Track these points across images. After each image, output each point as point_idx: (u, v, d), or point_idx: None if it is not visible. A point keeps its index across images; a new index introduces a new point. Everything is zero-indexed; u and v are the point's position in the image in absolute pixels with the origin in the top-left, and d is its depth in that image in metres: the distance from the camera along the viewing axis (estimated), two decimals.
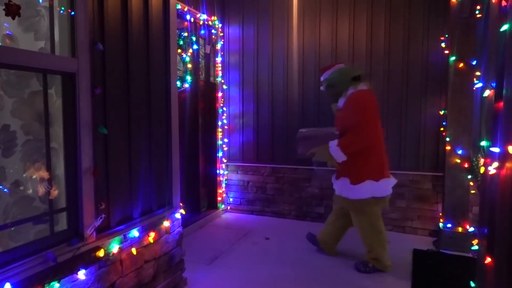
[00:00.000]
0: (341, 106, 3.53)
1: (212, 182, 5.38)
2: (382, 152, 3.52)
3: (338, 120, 3.61)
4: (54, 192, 2.08)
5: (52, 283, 1.86)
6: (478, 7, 3.81)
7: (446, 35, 4.33)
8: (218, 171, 5.38)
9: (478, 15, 3.86)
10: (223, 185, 5.50)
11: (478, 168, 3.78)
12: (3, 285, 1.62)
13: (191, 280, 3.22)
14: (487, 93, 2.21)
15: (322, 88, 3.79)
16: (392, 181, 3.55)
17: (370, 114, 3.44)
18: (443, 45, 4.38)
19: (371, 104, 3.48)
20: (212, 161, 5.36)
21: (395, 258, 3.83)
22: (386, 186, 3.47)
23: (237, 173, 5.52)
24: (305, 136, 3.67)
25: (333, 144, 3.44)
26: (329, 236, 3.92)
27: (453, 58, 4.05)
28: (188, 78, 4.71)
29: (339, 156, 3.43)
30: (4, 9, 1.75)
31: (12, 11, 1.77)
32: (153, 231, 2.65)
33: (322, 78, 3.72)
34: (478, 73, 4.00)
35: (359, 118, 3.40)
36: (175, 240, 2.93)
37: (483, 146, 2.23)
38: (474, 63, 3.97)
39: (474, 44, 3.98)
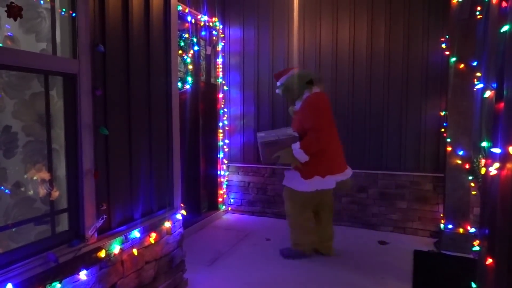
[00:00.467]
0: (298, 109, 3.77)
1: (212, 183, 5.38)
2: (335, 151, 3.79)
3: (296, 122, 3.81)
4: (55, 194, 2.08)
5: (53, 284, 1.86)
6: (479, 8, 3.82)
7: (447, 36, 4.33)
8: (218, 172, 5.38)
9: (479, 16, 3.86)
10: (224, 186, 5.50)
11: (479, 169, 3.78)
12: (5, 285, 1.63)
13: (192, 281, 3.22)
14: (487, 94, 2.22)
15: (278, 91, 3.98)
16: (334, 178, 3.74)
17: (325, 115, 3.70)
18: (443, 46, 4.39)
19: (326, 106, 3.74)
20: (212, 162, 5.36)
21: (395, 259, 3.84)
22: (330, 181, 3.72)
23: (238, 174, 5.52)
24: (267, 142, 3.76)
25: (296, 147, 3.63)
26: (320, 238, 3.96)
27: (453, 59, 4.05)
28: (189, 79, 4.72)
29: (303, 157, 3.64)
30: (5, 11, 1.75)
31: (14, 13, 1.77)
32: (154, 232, 2.65)
33: (278, 83, 3.91)
34: (478, 74, 4.00)
35: (316, 119, 3.63)
36: (176, 241, 2.93)
37: (484, 147, 2.24)
38: (474, 64, 3.97)
39: (474, 45, 3.98)
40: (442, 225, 4.23)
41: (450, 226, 4.11)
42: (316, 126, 3.61)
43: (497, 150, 1.89)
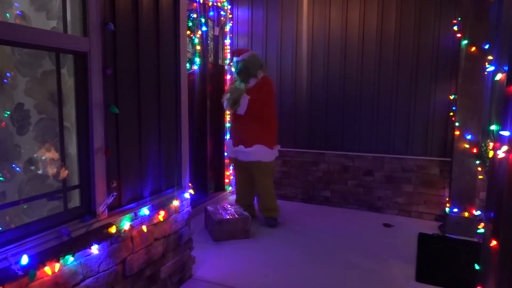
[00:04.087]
0: (254, 85, 4.22)
1: (219, 164, 5.43)
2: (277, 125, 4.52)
3: (253, 97, 4.19)
4: (64, 172, 2.12)
5: (66, 257, 1.92)
6: None
7: (459, 19, 4.26)
8: (225, 154, 5.42)
9: None
10: (230, 167, 5.54)
11: (487, 153, 3.77)
12: (21, 257, 1.68)
13: (199, 259, 3.29)
14: (498, 76, 2.20)
15: (235, 65, 4.30)
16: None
17: (273, 95, 4.42)
18: (455, 28, 4.32)
19: (274, 88, 4.48)
20: (219, 144, 5.39)
21: (400, 242, 3.89)
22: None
23: None
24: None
25: (245, 98, 4.15)
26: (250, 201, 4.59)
27: (465, 42, 3.99)
28: (197, 60, 4.71)
29: (244, 104, 4.12)
30: None
31: None
32: (163, 210, 2.70)
33: (239, 59, 4.24)
34: (490, 58, 3.94)
35: (271, 95, 4.35)
36: (184, 219, 2.99)
37: (493, 130, 2.23)
38: (486, 47, 3.91)
39: (487, 28, 3.91)
40: (447, 209, 4.25)
41: (455, 210, 4.13)
42: (271, 99, 4.32)
43: (506, 133, 1.89)
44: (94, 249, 2.09)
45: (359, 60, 4.84)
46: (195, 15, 4.63)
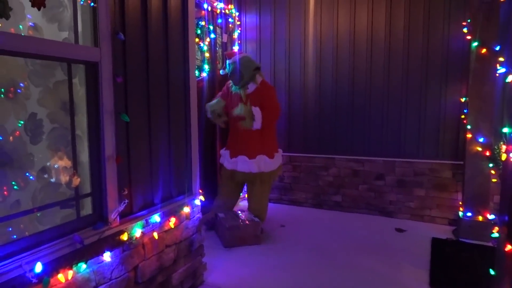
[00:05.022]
0: (253, 91, 4.08)
1: None
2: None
3: (257, 100, 4.07)
4: (76, 181, 2.15)
5: (79, 264, 1.94)
6: None
7: (468, 20, 4.22)
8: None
9: None
10: None
11: (500, 156, 3.72)
12: (35, 264, 1.71)
13: (210, 265, 3.29)
14: (510, 78, 2.17)
15: (227, 68, 4.21)
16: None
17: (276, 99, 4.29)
18: (465, 30, 4.28)
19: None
20: None
21: (413, 247, 3.84)
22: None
23: None
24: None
25: (258, 111, 4.00)
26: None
27: (475, 43, 3.96)
28: (206, 67, 4.74)
29: (258, 120, 4.01)
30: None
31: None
32: (174, 217, 2.71)
33: (230, 61, 4.13)
34: (501, 59, 3.90)
35: (275, 99, 4.19)
36: (195, 226, 3.00)
37: (505, 132, 2.20)
38: (497, 48, 3.86)
39: (497, 29, 3.87)
40: (460, 213, 4.19)
41: (469, 214, 4.07)
42: (275, 104, 4.16)
43: None
44: (107, 256, 2.11)
45: (367, 63, 4.83)
46: (203, 23, 4.67)
